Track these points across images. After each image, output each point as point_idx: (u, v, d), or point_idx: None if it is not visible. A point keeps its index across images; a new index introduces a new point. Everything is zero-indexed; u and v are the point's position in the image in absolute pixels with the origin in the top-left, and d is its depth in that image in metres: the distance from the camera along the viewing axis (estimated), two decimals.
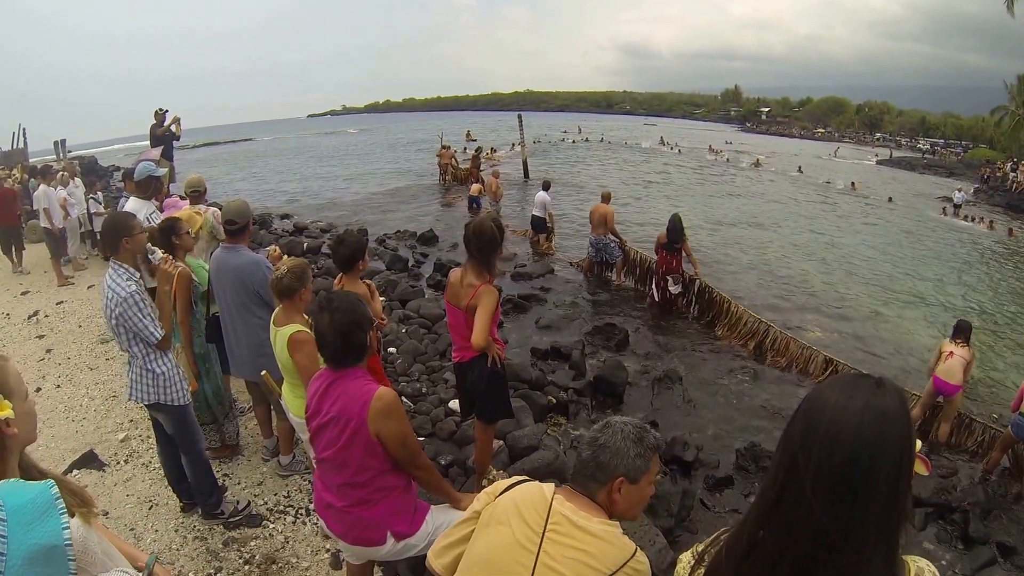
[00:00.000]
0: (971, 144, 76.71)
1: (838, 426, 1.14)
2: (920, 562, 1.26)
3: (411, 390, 6.49)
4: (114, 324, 3.87)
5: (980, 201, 35.34)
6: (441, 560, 2.11)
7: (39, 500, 1.21)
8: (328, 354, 2.82)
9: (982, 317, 13.18)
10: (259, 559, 4.25)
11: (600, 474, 1.97)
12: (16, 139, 33.49)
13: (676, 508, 5.06)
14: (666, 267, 10.56)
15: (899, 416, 1.16)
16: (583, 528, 1.89)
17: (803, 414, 1.22)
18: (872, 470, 1.12)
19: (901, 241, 20.94)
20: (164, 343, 4.02)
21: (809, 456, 1.16)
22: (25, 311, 9.53)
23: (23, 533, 1.14)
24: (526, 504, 1.98)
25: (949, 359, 7.12)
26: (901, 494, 1.15)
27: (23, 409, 1.71)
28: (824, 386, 1.25)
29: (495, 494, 2.08)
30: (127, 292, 3.77)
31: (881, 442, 1.13)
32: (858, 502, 1.12)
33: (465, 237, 4.13)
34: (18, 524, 1.15)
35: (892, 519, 1.14)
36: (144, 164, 6.44)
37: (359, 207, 21.44)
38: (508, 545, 1.93)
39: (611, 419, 2.05)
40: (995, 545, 5.42)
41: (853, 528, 1.12)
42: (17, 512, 1.16)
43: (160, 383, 4.07)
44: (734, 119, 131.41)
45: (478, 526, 2.05)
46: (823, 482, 1.14)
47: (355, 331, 2.73)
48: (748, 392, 7.91)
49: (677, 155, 46.59)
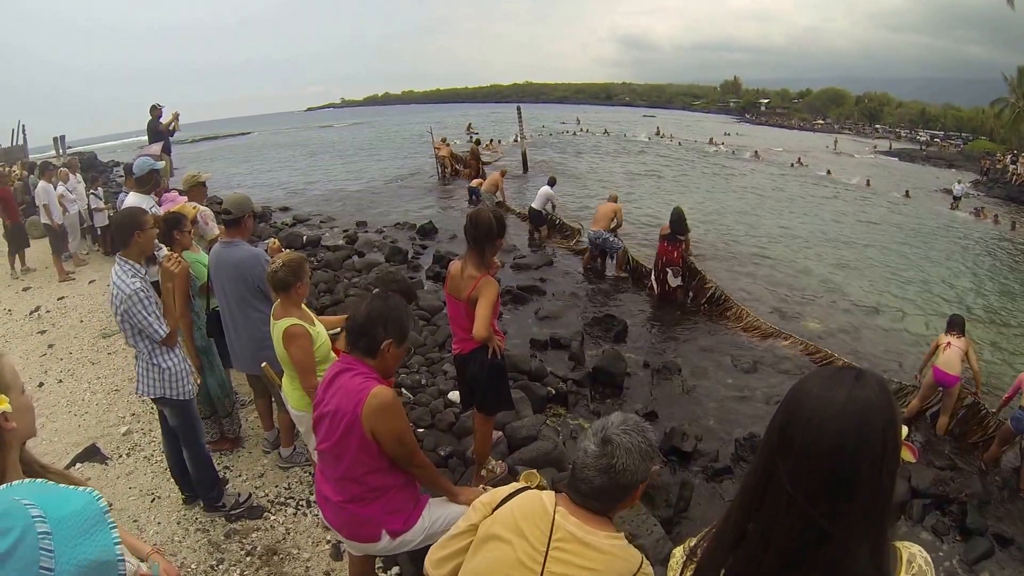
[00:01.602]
0: (971, 136, 76.54)
1: (820, 418, 1.15)
2: (912, 548, 1.27)
3: (411, 382, 6.51)
4: (119, 320, 3.90)
5: (980, 193, 35.24)
6: (439, 571, 2.07)
7: (87, 511, 1.15)
8: (348, 334, 2.86)
9: (988, 314, 13.23)
10: (260, 551, 4.27)
11: (621, 495, 1.91)
12: (15, 136, 33.44)
13: (675, 499, 5.08)
14: (666, 258, 10.57)
15: (881, 406, 1.16)
16: (589, 544, 1.84)
17: (785, 407, 1.23)
18: (855, 461, 1.13)
19: (909, 237, 20.84)
20: (170, 340, 4.04)
21: (792, 449, 1.17)
22: (27, 307, 9.54)
23: (71, 548, 1.07)
24: (527, 519, 1.92)
25: (947, 350, 7.14)
26: (886, 483, 1.16)
27: (20, 403, 1.69)
28: (806, 379, 1.26)
29: (492, 505, 2.03)
30: (131, 289, 3.78)
31: (863, 433, 1.14)
32: (842, 493, 1.13)
33: (465, 227, 4.16)
34: (64, 537, 1.07)
35: (878, 508, 1.15)
36: (143, 159, 6.46)
37: (359, 200, 21.40)
38: (509, 563, 1.88)
39: (610, 433, 1.88)
40: (992, 536, 5.44)
41: (839, 518, 1.13)
42: (62, 524, 1.08)
43: (166, 377, 4.09)
44: (733, 110, 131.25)
45: (476, 541, 2.00)
46: (807, 474, 1.15)
47: (376, 324, 2.75)
48: (747, 383, 7.92)
49: (677, 147, 46.48)
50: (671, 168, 34.47)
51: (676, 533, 4.74)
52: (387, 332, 2.75)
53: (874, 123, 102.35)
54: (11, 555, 0.99)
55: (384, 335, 2.74)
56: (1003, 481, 6.38)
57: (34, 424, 1.81)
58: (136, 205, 5.88)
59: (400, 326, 2.79)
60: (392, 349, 2.75)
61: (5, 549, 0.99)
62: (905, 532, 5.48)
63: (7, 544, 0.99)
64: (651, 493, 5.06)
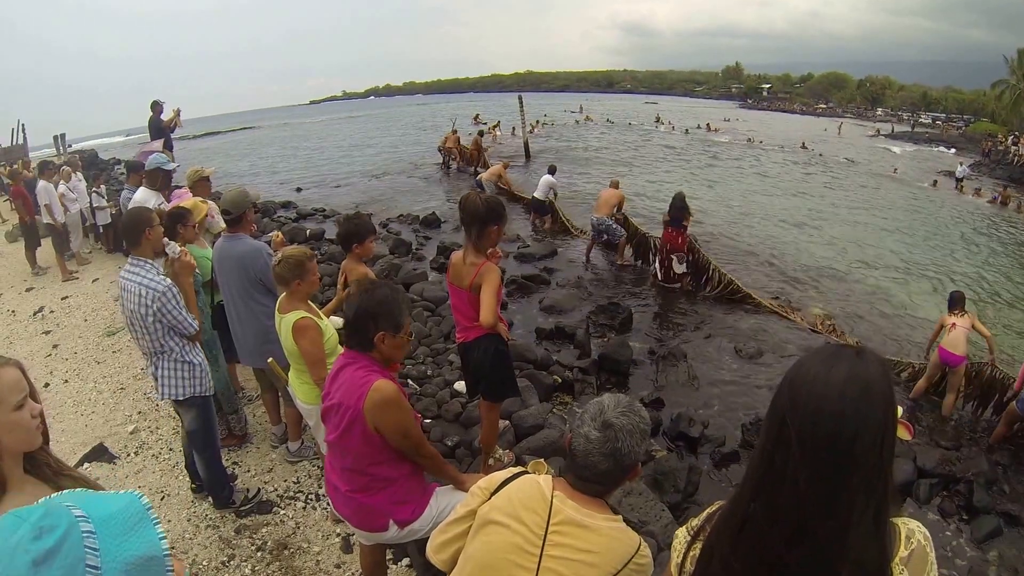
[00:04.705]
0: (973, 118, 76.28)
1: (820, 396, 1.18)
2: (911, 523, 1.29)
3: (416, 373, 6.51)
4: (151, 320, 3.86)
5: (982, 175, 35.11)
6: (441, 555, 2.09)
7: (130, 509, 1.15)
8: (345, 331, 2.88)
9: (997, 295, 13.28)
10: (271, 545, 4.30)
11: (623, 476, 1.94)
12: (15, 135, 33.47)
13: (682, 484, 5.08)
14: (671, 244, 10.53)
15: (880, 384, 1.19)
16: (588, 527, 1.86)
17: (787, 386, 1.26)
18: (856, 438, 1.15)
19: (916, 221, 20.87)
20: (199, 333, 4.10)
21: (794, 427, 1.19)
22: (30, 307, 9.58)
23: (116, 544, 1.07)
24: (525, 503, 1.93)
25: (953, 330, 7.14)
26: (885, 460, 1.18)
27: (10, 420, 1.69)
28: (807, 358, 1.29)
29: (490, 490, 2.03)
30: (164, 286, 3.81)
31: (864, 410, 1.16)
32: (843, 469, 1.16)
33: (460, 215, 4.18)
34: (109, 535, 1.07)
35: (878, 485, 1.17)
36: (156, 156, 6.54)
37: (362, 192, 21.40)
38: (508, 548, 1.89)
39: (609, 417, 1.89)
40: (999, 515, 5.44)
41: (840, 495, 1.16)
42: (106, 523, 1.09)
43: (196, 373, 4.13)
44: (735, 96, 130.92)
45: (474, 525, 2.00)
46: (808, 452, 1.17)
47: (366, 319, 2.73)
48: (753, 368, 7.91)
49: (683, 135, 46.33)
50: (674, 155, 34.38)
51: (684, 518, 4.72)
52: (378, 325, 2.72)
53: (876, 107, 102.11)
54: (57, 551, 0.99)
55: (375, 329, 2.72)
56: (1010, 460, 6.37)
57: (31, 439, 1.78)
58: (145, 200, 5.95)
59: (390, 316, 2.75)
60: (388, 340, 2.73)
61: (51, 546, 0.99)
62: (912, 512, 5.48)
63: (53, 540, 0.99)
64: (659, 479, 5.07)
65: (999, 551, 5.10)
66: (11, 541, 0.99)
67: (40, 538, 0.99)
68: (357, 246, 4.53)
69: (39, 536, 0.99)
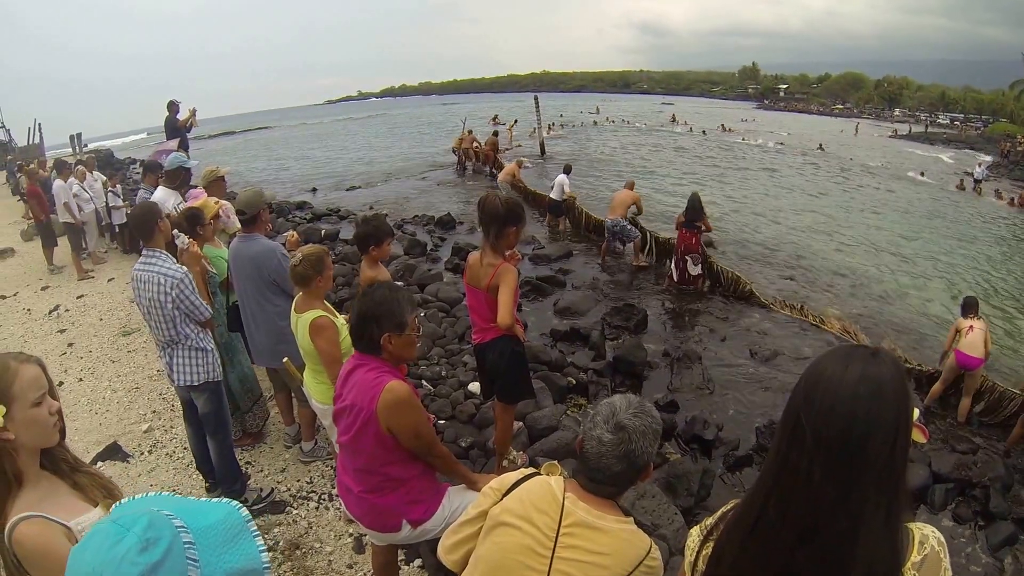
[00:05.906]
0: (991, 119, 75.78)
1: (834, 396, 1.19)
2: (925, 529, 1.29)
3: (431, 373, 6.52)
4: (170, 307, 3.97)
5: (1000, 176, 34.75)
6: (452, 556, 2.10)
7: (229, 521, 1.15)
8: (351, 336, 2.87)
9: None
10: (283, 545, 4.30)
11: (636, 477, 1.93)
12: (32, 134, 33.75)
13: (696, 487, 5.05)
14: (685, 246, 10.50)
15: (895, 385, 1.19)
16: (599, 529, 1.85)
17: (803, 384, 1.27)
18: (868, 438, 1.16)
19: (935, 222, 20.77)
20: (211, 320, 4.24)
21: (808, 425, 1.20)
22: (46, 306, 9.62)
23: (216, 557, 1.08)
24: (536, 505, 1.92)
25: (970, 333, 7.08)
26: (898, 461, 1.19)
27: (27, 416, 1.72)
28: (822, 357, 1.29)
29: (502, 491, 2.03)
30: (181, 273, 3.95)
31: (877, 411, 1.17)
32: (855, 470, 1.16)
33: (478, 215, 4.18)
34: (209, 547, 1.08)
35: (890, 483, 1.18)
36: (176, 155, 6.63)
37: (377, 192, 21.47)
38: (519, 549, 1.88)
39: (621, 419, 1.86)
40: (1016, 521, 5.38)
41: (852, 495, 1.16)
42: (205, 534, 1.09)
43: (210, 360, 4.25)
44: (752, 97, 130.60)
45: (485, 527, 2.00)
46: (822, 450, 1.18)
47: (368, 322, 2.73)
48: (769, 371, 7.87)
49: (702, 136, 46.15)
50: (692, 156, 34.30)
51: (696, 522, 4.70)
52: (381, 327, 2.71)
53: (894, 107, 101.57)
54: (162, 565, 0.99)
55: (379, 330, 2.72)
56: None
57: (48, 435, 1.81)
58: (163, 199, 6.03)
59: (392, 316, 2.73)
60: (395, 339, 2.73)
61: (157, 559, 0.99)
62: (927, 517, 5.43)
63: (158, 554, 0.99)
64: (672, 482, 5.05)
65: (1014, 557, 5.04)
66: (117, 552, 0.99)
67: (147, 550, 0.99)
68: (374, 248, 4.52)
69: (146, 548, 0.99)
